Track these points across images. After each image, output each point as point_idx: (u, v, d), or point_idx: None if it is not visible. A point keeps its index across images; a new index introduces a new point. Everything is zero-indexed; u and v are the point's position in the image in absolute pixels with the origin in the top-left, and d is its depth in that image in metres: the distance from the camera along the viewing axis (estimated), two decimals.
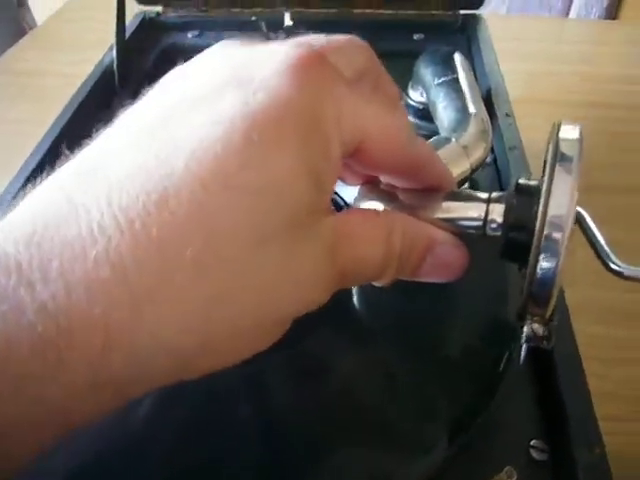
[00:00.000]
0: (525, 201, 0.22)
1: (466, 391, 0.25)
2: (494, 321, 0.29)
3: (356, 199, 0.24)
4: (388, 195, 0.24)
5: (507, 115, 0.40)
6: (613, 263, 0.25)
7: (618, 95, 0.62)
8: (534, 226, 0.21)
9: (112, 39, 0.47)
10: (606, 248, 0.25)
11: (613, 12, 0.88)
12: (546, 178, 0.21)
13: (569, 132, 0.22)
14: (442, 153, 0.30)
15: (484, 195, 0.24)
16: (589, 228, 0.26)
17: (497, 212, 0.23)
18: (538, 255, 0.21)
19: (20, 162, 0.37)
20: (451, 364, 0.27)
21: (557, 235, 0.21)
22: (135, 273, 0.14)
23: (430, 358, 0.27)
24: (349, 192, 0.24)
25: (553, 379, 0.25)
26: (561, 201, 0.21)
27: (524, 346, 0.24)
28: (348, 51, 0.21)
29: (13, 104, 0.61)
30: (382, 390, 0.25)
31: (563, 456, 0.23)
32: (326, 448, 0.23)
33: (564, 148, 0.21)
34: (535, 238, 0.21)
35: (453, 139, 0.31)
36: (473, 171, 0.32)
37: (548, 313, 0.22)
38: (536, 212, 0.21)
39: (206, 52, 0.20)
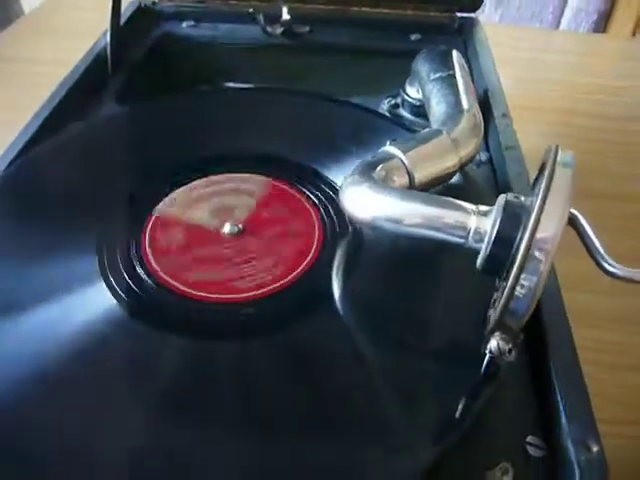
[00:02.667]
0: (512, 218, 0.22)
1: (454, 387, 0.25)
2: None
3: None
4: None
5: (504, 115, 0.40)
6: (607, 264, 0.25)
7: (604, 105, 0.63)
8: (519, 245, 0.21)
9: (104, 27, 0.47)
10: (600, 249, 0.25)
11: (602, 26, 0.89)
12: (538, 201, 0.21)
13: (565, 160, 0.22)
14: (431, 145, 0.30)
15: (472, 206, 0.24)
16: (583, 230, 0.26)
17: (483, 225, 0.23)
18: (520, 274, 0.21)
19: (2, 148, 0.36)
20: (438, 360, 0.26)
21: (541, 257, 0.21)
22: None
23: (416, 354, 0.26)
24: None
25: (549, 375, 0.25)
26: (549, 227, 0.21)
27: (486, 357, 0.24)
28: None
29: (2, 91, 0.59)
30: (369, 385, 0.25)
31: (560, 453, 0.23)
32: (310, 440, 0.23)
33: (558, 176, 0.21)
34: (519, 257, 0.21)
35: (444, 132, 0.31)
36: (462, 166, 0.32)
37: (521, 326, 0.22)
38: (523, 231, 0.21)
39: None
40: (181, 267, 0.28)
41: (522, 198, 0.23)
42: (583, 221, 0.26)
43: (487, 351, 0.23)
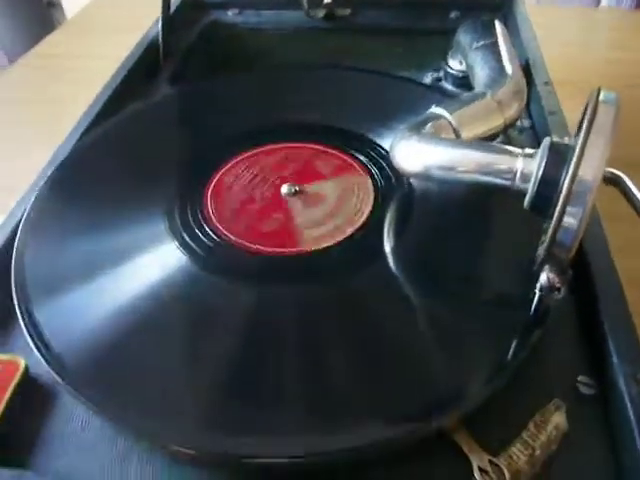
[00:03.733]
0: (558, 158, 0.23)
1: (507, 328, 0.26)
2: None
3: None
4: None
5: (546, 83, 0.40)
6: None
7: None
8: (565, 179, 0.22)
9: (146, 25, 0.49)
10: None
11: None
12: (581, 137, 0.22)
13: (606, 98, 0.23)
14: (476, 106, 0.31)
15: (517, 150, 0.25)
16: (628, 188, 0.27)
17: (529, 166, 0.24)
18: (567, 203, 0.22)
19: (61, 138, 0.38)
20: (486, 304, 0.27)
21: (588, 186, 0.22)
22: None
23: (465, 299, 0.27)
24: None
25: (598, 316, 0.26)
26: (593, 159, 0.22)
27: (537, 296, 0.25)
28: None
29: (53, 85, 0.62)
30: (423, 329, 0.26)
31: (611, 390, 0.24)
32: (365, 382, 0.24)
33: (601, 112, 0.22)
34: (565, 190, 0.22)
35: (488, 95, 0.32)
36: (506, 127, 0.33)
37: (570, 255, 0.23)
38: (567, 169, 0.22)
39: None
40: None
41: (566, 139, 0.24)
42: (627, 181, 0.27)
43: (537, 288, 0.24)
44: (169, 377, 0.25)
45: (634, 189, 0.27)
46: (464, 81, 0.41)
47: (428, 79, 0.43)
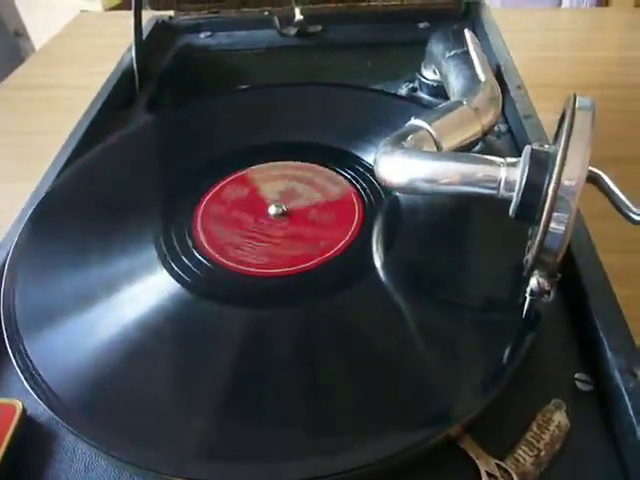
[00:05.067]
0: (539, 165, 0.24)
1: (499, 335, 0.26)
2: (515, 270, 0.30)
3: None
4: None
5: (518, 87, 0.41)
6: (634, 213, 0.27)
7: (613, 76, 0.64)
8: (548, 186, 0.23)
9: (117, 53, 0.49)
10: (626, 201, 0.27)
11: (604, 0, 0.90)
12: (562, 144, 0.22)
13: (583, 104, 0.24)
14: (454, 115, 0.32)
15: (499, 159, 0.25)
16: (606, 185, 0.28)
17: (512, 175, 0.25)
18: (552, 210, 0.22)
19: (41, 170, 0.38)
20: (479, 312, 0.28)
21: (571, 193, 0.22)
22: None
23: (459, 309, 0.28)
24: None
25: (590, 315, 0.26)
26: (575, 165, 0.23)
27: (527, 300, 0.25)
28: None
29: (27, 117, 0.62)
30: (413, 338, 0.26)
31: (608, 384, 0.24)
32: (361, 391, 0.24)
33: (578, 118, 0.23)
34: (550, 197, 0.22)
35: (465, 103, 0.33)
36: (484, 134, 0.33)
37: (558, 260, 0.24)
38: (550, 174, 0.23)
39: None
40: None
41: (546, 146, 0.25)
42: (606, 178, 0.27)
43: (528, 293, 0.24)
44: (170, 407, 0.25)
45: (612, 186, 0.27)
46: (439, 90, 0.42)
47: (403, 90, 0.44)
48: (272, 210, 0.32)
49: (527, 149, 0.24)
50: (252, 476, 0.22)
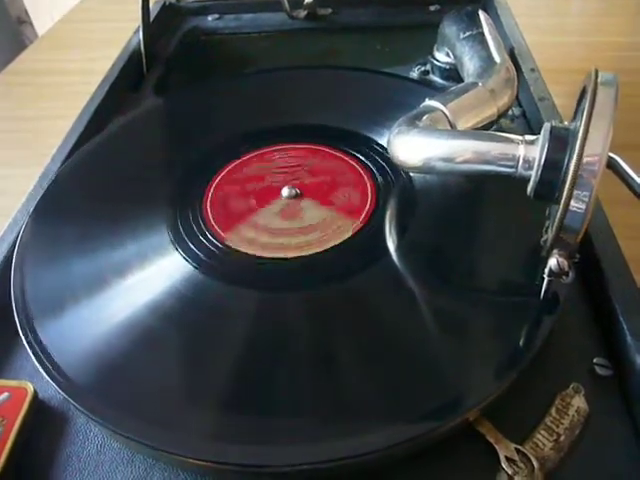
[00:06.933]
0: (559, 142, 0.23)
1: (518, 318, 0.26)
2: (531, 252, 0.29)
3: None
4: None
5: (532, 70, 0.41)
6: None
7: (624, 62, 0.63)
8: (568, 165, 0.22)
9: (122, 39, 0.48)
10: None
11: None
12: (584, 119, 0.22)
13: (605, 79, 0.23)
14: (470, 96, 0.31)
15: (517, 137, 0.25)
16: (622, 169, 0.27)
17: (531, 152, 0.24)
18: (574, 186, 0.22)
19: (42, 155, 0.38)
20: (497, 294, 0.27)
21: (592, 170, 0.22)
22: None
23: (477, 291, 0.27)
24: None
25: (610, 300, 0.26)
26: (597, 141, 0.22)
27: (545, 280, 0.25)
28: None
29: (32, 103, 0.61)
30: (431, 322, 0.26)
31: (628, 369, 0.24)
32: (378, 382, 0.24)
33: (601, 93, 0.22)
34: (571, 174, 0.22)
35: (480, 84, 0.32)
36: (499, 116, 0.33)
37: (578, 239, 0.23)
38: (571, 152, 0.22)
39: None
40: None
41: (565, 123, 0.24)
42: (621, 162, 0.27)
43: (546, 273, 0.24)
44: (182, 389, 0.24)
45: (629, 170, 0.27)
46: (452, 73, 0.41)
47: (415, 73, 0.43)
48: (285, 192, 0.31)
49: (546, 126, 0.24)
50: (266, 457, 0.22)
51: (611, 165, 0.27)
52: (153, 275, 0.28)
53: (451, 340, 0.25)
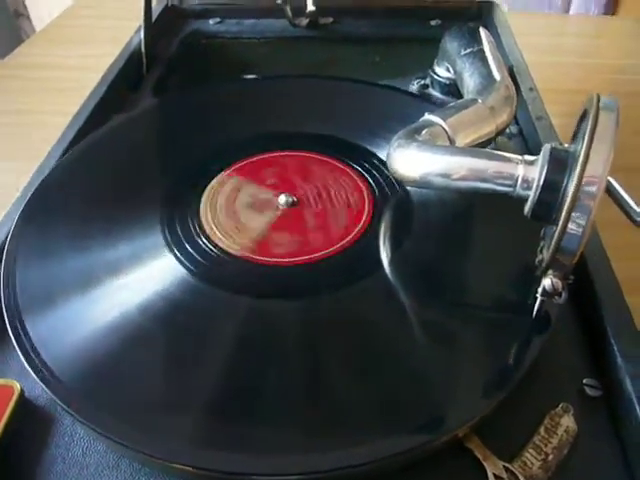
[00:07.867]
0: (559, 164, 0.23)
1: (509, 337, 0.26)
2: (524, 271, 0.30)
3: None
4: None
5: (530, 89, 0.41)
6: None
7: (619, 84, 0.64)
8: (567, 187, 0.22)
9: (121, 36, 0.48)
10: (631, 203, 0.27)
11: (611, 9, 0.90)
12: (585, 143, 0.22)
13: (607, 104, 0.23)
14: (469, 112, 0.31)
15: (517, 157, 0.25)
16: (616, 191, 0.28)
17: (530, 173, 0.24)
18: (572, 210, 0.22)
19: (39, 149, 0.37)
20: (489, 313, 0.27)
21: (592, 193, 0.22)
22: None
23: (469, 310, 0.27)
24: None
25: (601, 321, 0.26)
26: (598, 165, 0.22)
27: (538, 300, 0.25)
28: None
29: (27, 97, 0.61)
30: (422, 337, 0.26)
31: (617, 390, 0.24)
32: (369, 396, 0.24)
33: (602, 118, 0.23)
34: (570, 197, 0.22)
35: (480, 101, 0.32)
36: (498, 133, 0.33)
37: (574, 261, 0.23)
38: (570, 175, 0.22)
39: None
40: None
41: (565, 145, 0.24)
42: (615, 184, 0.27)
43: (539, 293, 0.24)
44: (169, 393, 0.24)
45: (626, 196, 0.27)
46: (451, 88, 0.41)
47: (414, 87, 0.44)
48: (281, 199, 0.31)
49: (546, 147, 0.24)
50: (248, 465, 0.21)
51: (607, 188, 0.28)
52: (145, 276, 0.28)
53: (442, 356, 0.25)
